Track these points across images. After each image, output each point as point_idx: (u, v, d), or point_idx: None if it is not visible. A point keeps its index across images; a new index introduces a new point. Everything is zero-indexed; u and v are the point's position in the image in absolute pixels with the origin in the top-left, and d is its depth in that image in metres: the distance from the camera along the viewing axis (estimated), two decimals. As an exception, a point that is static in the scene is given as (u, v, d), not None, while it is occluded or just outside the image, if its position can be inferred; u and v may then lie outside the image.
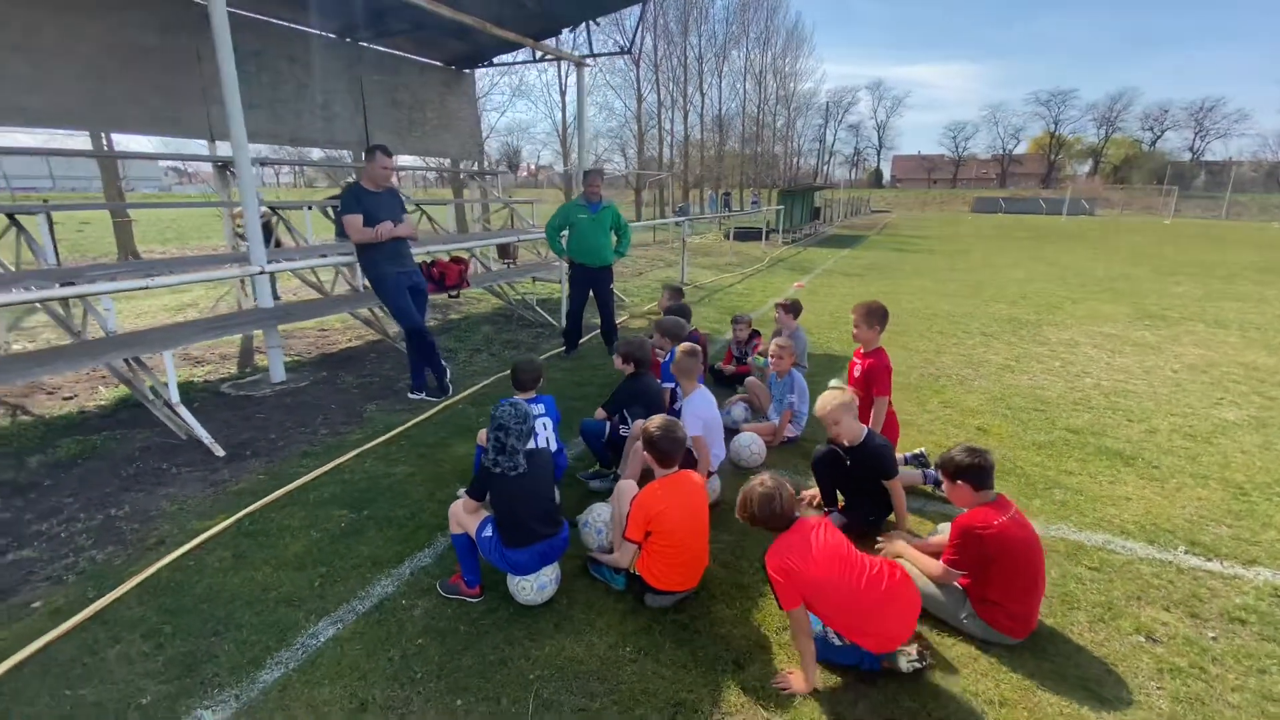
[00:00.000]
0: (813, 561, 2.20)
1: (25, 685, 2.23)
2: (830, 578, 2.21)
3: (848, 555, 2.30)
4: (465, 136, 10.54)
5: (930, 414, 4.99)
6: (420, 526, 3.27)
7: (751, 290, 11.16)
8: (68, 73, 5.81)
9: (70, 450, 4.12)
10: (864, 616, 2.23)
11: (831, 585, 2.21)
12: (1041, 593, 2.51)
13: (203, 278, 5.30)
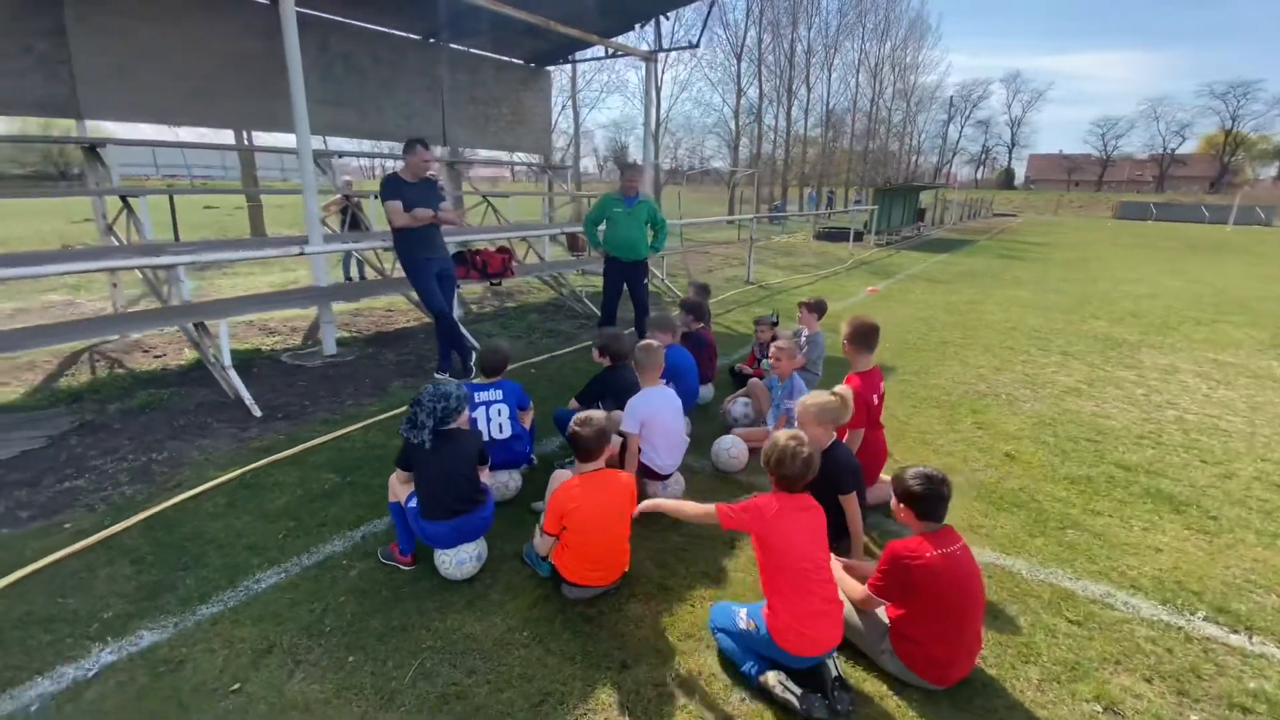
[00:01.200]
0: (788, 527, 2.24)
1: (30, 589, 2.64)
2: (794, 548, 2.21)
3: (817, 544, 2.28)
4: (539, 131, 10.92)
5: (957, 434, 4.58)
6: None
7: (818, 292, 10.70)
8: (192, 74, 6.66)
9: (142, 401, 4.77)
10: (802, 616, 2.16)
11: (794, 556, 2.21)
12: (972, 642, 2.25)
13: (243, 256, 5.94)
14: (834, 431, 3.01)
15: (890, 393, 5.41)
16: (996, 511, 3.50)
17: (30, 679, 2.16)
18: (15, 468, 3.69)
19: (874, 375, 3.56)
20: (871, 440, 3.51)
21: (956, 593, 2.20)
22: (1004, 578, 2.90)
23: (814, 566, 2.22)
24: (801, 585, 2.19)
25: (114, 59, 5.99)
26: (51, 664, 2.22)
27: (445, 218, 5.26)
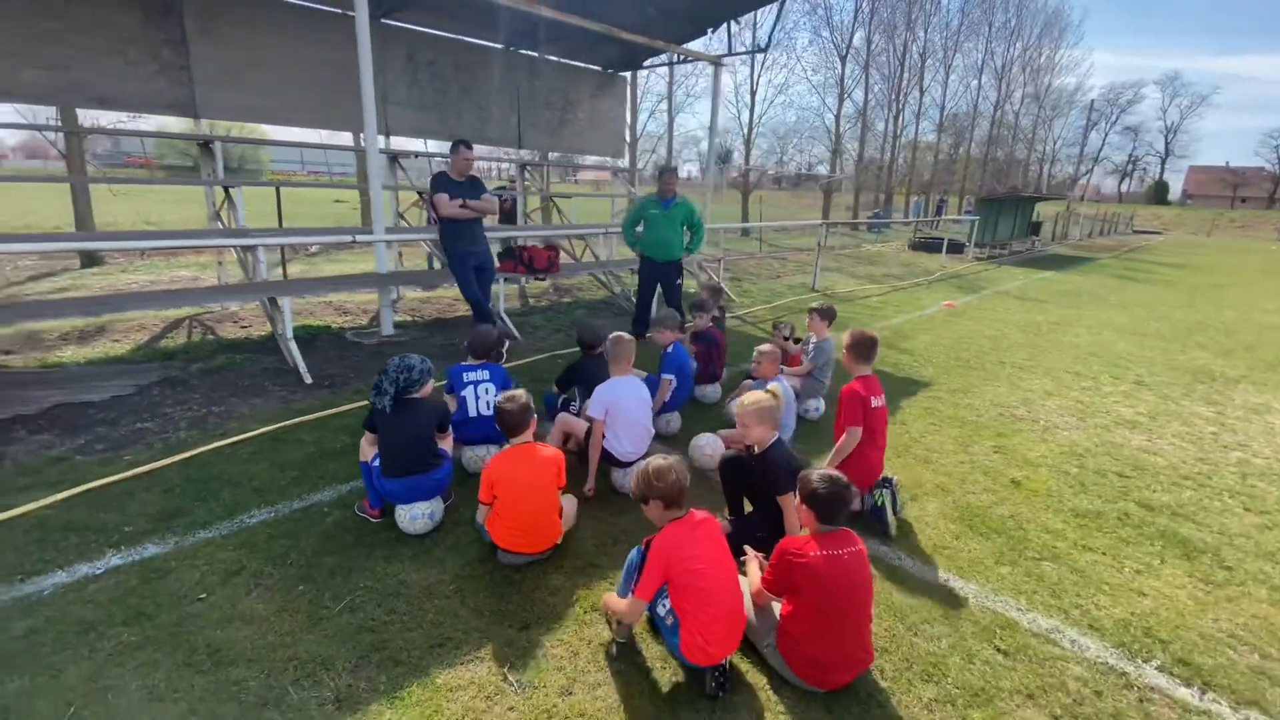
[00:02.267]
0: (679, 541, 2.20)
1: (78, 504, 3.23)
2: (701, 570, 2.16)
3: (725, 557, 2.27)
4: (613, 135, 11.26)
5: (967, 456, 4.34)
6: (387, 459, 3.87)
7: (887, 304, 10.27)
8: (295, 79, 7.56)
9: (219, 363, 5.53)
10: (715, 624, 2.14)
11: (706, 579, 2.16)
12: (855, 648, 2.22)
13: (314, 239, 6.65)
14: (774, 430, 3.02)
15: (914, 408, 5.21)
16: (971, 534, 3.33)
17: (52, 571, 2.68)
18: (103, 408, 4.46)
19: (871, 382, 3.49)
20: (865, 454, 3.39)
21: (839, 596, 2.19)
22: (945, 598, 2.79)
23: (713, 584, 2.18)
24: (708, 602, 2.15)
25: (227, 66, 6.95)
26: (72, 561, 2.74)
27: (479, 207, 5.66)
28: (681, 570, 2.15)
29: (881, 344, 7.17)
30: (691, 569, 2.15)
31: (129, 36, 6.31)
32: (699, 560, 2.16)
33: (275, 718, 2.03)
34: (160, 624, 2.41)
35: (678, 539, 2.20)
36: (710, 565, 2.17)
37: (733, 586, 2.21)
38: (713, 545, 2.23)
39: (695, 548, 2.19)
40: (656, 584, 2.18)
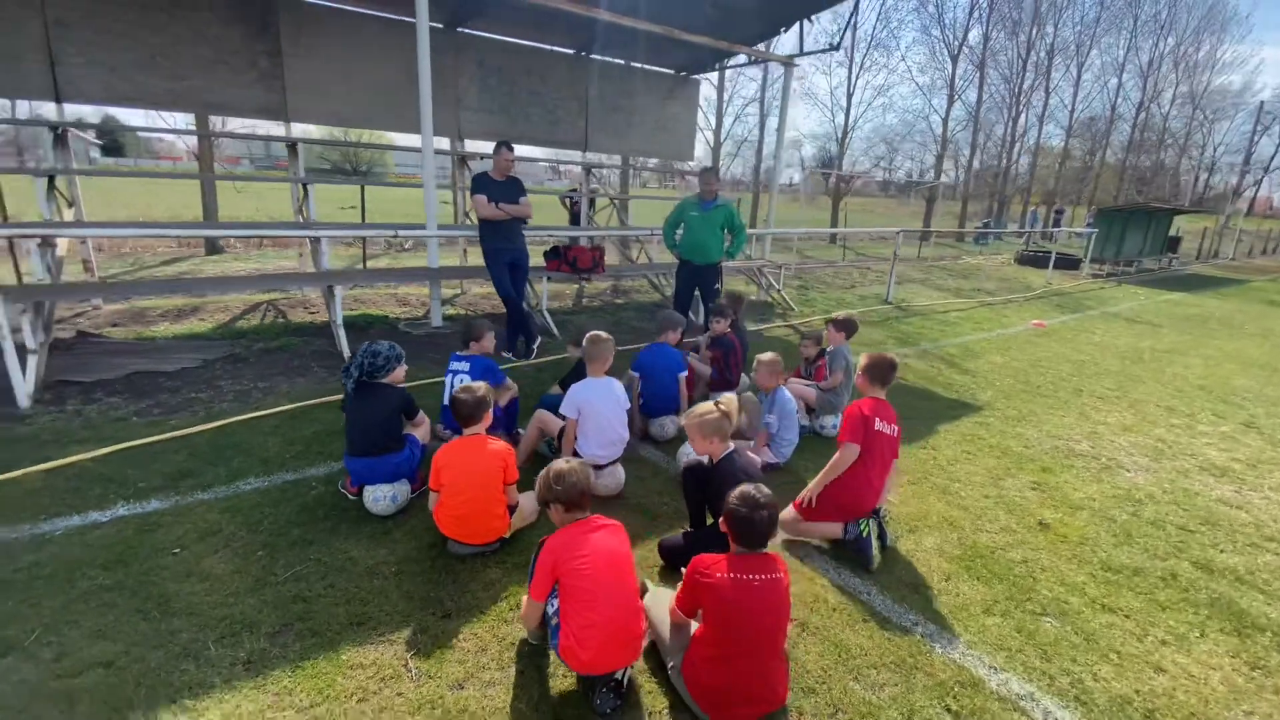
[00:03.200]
0: (567, 544, 2.13)
1: (114, 459, 3.63)
2: (587, 572, 2.07)
3: (618, 564, 2.14)
4: (681, 138, 11.19)
5: (996, 490, 3.89)
6: (387, 442, 4.05)
7: (966, 320, 9.46)
8: (373, 87, 8.16)
9: (278, 344, 6.05)
10: (591, 629, 2.04)
11: (587, 580, 2.06)
12: (759, 685, 2.04)
13: (362, 234, 7.08)
14: (727, 444, 2.85)
15: (950, 434, 4.76)
16: (966, 576, 2.98)
17: (70, 515, 3.03)
18: (171, 378, 5.00)
19: (882, 406, 3.23)
20: (859, 478, 3.10)
21: (742, 624, 2.02)
22: (906, 644, 2.50)
23: (597, 590, 2.06)
24: (588, 606, 2.05)
25: (315, 74, 7.61)
26: (88, 508, 3.09)
27: (513, 210, 5.80)
28: (568, 570, 2.07)
29: (943, 362, 6.75)
30: (577, 569, 2.07)
31: (233, 49, 7.07)
32: (587, 564, 2.08)
33: (190, 669, 2.17)
34: (131, 571, 2.65)
35: (570, 539, 2.13)
36: (598, 570, 2.08)
37: (621, 597, 2.10)
38: (608, 551, 2.13)
39: (586, 549, 2.11)
40: (546, 583, 2.11)
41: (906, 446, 4.43)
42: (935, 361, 6.89)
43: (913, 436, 4.65)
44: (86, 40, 6.28)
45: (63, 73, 6.24)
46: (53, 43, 6.12)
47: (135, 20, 6.48)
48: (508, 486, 2.90)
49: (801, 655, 2.41)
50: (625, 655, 2.10)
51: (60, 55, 6.18)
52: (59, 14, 6.09)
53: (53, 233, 5.57)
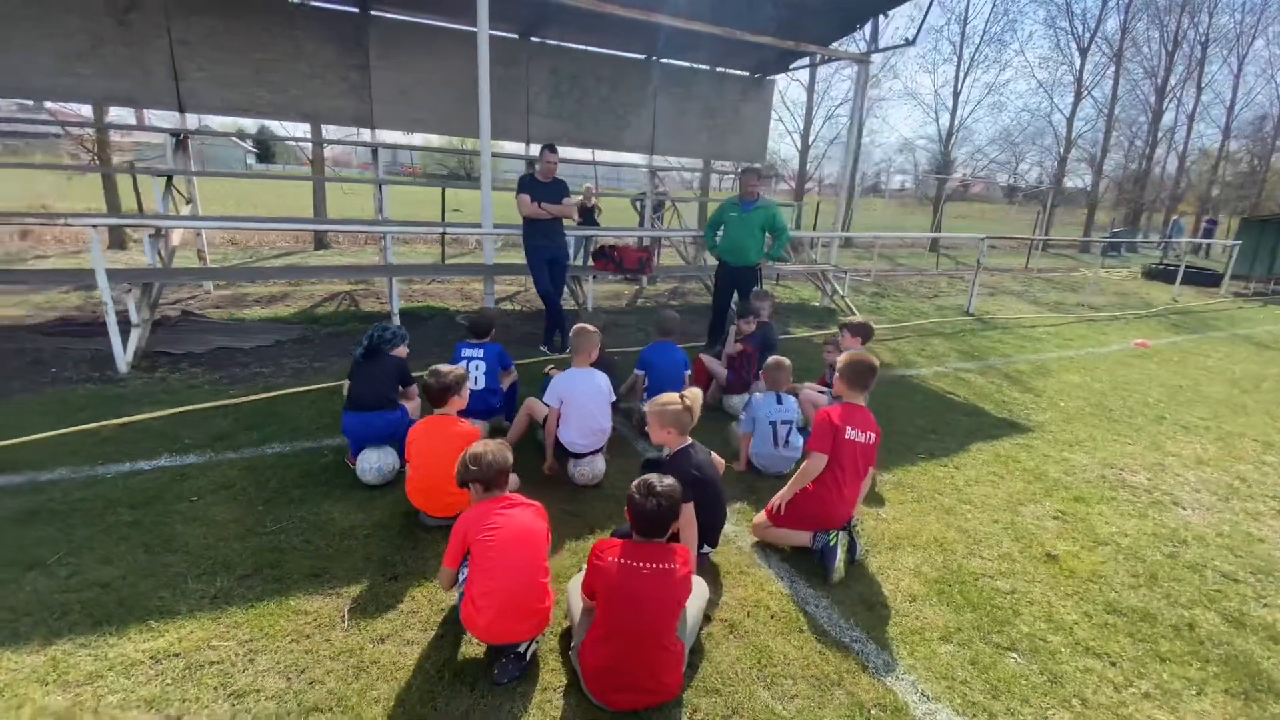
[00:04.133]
0: (478, 519, 2.23)
1: (173, 420, 4.17)
2: (488, 536, 2.17)
3: (526, 540, 2.21)
4: (753, 140, 11.02)
5: (1012, 516, 3.57)
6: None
7: (1055, 336, 8.61)
8: (449, 95, 8.74)
9: (344, 329, 6.64)
10: (488, 598, 2.15)
11: (491, 552, 2.16)
12: (642, 674, 2.04)
13: (421, 231, 7.54)
14: (684, 438, 2.83)
15: (982, 454, 4.42)
16: (935, 600, 2.78)
17: (123, 462, 3.54)
18: (246, 354, 5.65)
19: (858, 413, 3.09)
20: (828, 489, 2.96)
21: (624, 610, 2.05)
22: (836, 660, 2.39)
23: (499, 561, 2.15)
24: (488, 576, 2.15)
25: (399, 85, 8.27)
26: (139, 458, 3.59)
27: (555, 209, 6.02)
28: (476, 540, 2.18)
29: (1006, 379, 6.22)
30: (484, 540, 2.17)
31: (327, 64, 7.85)
32: (495, 536, 2.17)
33: (166, 597, 2.49)
34: (151, 512, 3.07)
35: (482, 513, 2.23)
36: (504, 543, 2.16)
37: (522, 571, 2.16)
38: (519, 527, 2.21)
39: (497, 523, 2.20)
40: (458, 551, 2.23)
41: (926, 463, 4.20)
42: (997, 378, 6.36)
43: (937, 453, 4.36)
44: (205, 57, 7.23)
45: (185, 86, 7.23)
46: (177, 60, 7.11)
47: (246, 40, 7.38)
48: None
49: (719, 655, 2.37)
50: (523, 629, 2.18)
51: (183, 71, 7.17)
52: (182, 34, 7.06)
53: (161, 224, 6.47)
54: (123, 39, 6.88)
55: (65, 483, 3.29)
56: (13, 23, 6.51)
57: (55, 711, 1.95)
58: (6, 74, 6.65)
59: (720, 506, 2.90)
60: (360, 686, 2.12)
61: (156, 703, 2.02)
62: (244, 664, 2.20)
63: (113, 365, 5.04)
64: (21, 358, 5.25)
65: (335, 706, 2.04)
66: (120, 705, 1.99)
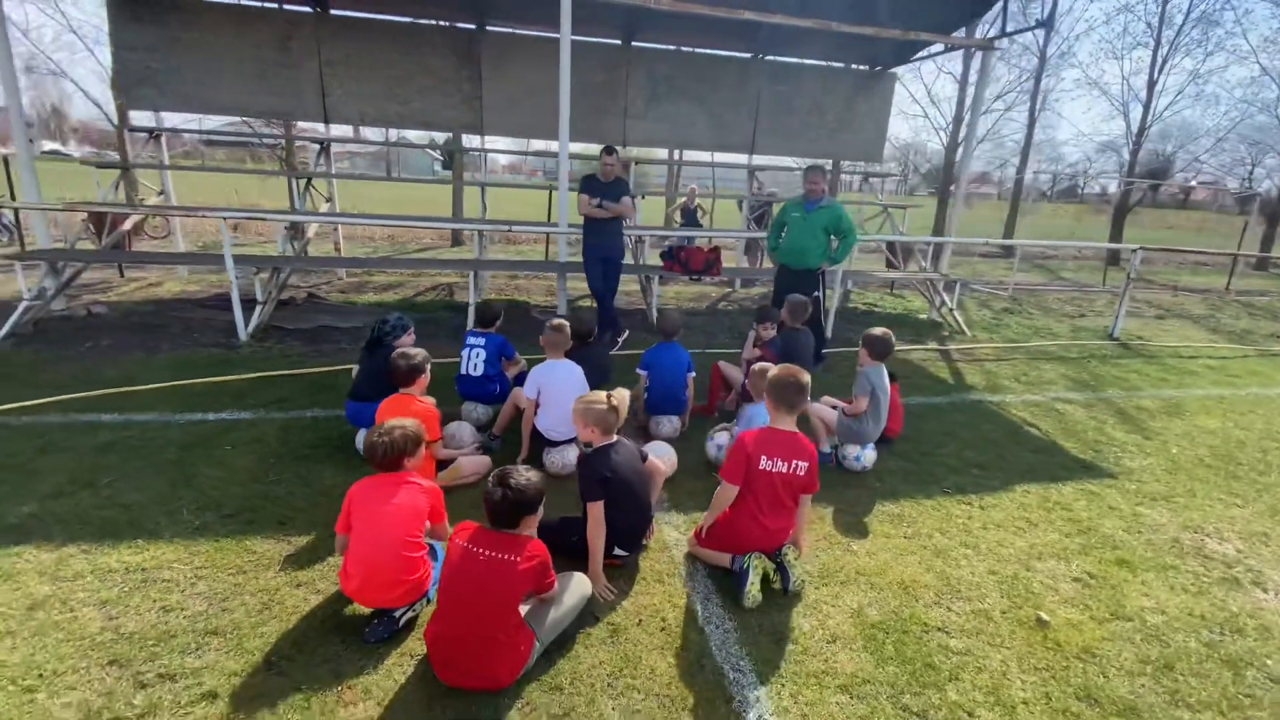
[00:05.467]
0: (362, 490, 2.45)
1: (255, 383, 4.94)
2: (362, 508, 2.38)
3: (399, 517, 2.35)
4: (869, 137, 10.24)
5: (1020, 572, 3.05)
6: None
7: (1215, 371, 7.03)
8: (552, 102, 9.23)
9: (432, 316, 7.34)
10: (355, 564, 2.33)
11: (364, 522, 2.36)
12: (470, 659, 2.10)
13: (502, 227, 7.98)
14: (609, 436, 2.80)
15: (1029, 497, 3.85)
16: (858, 644, 2.48)
17: (198, 412, 4.28)
18: (340, 333, 6.47)
19: (779, 439, 2.80)
20: (746, 514, 2.77)
21: (456, 592, 2.12)
22: (700, 685, 2.25)
23: (364, 530, 2.34)
24: (355, 542, 2.35)
25: (507, 93, 8.91)
26: (208, 410, 4.32)
27: (613, 209, 6.14)
28: (355, 510, 2.38)
29: (1117, 416, 5.26)
30: (359, 512, 2.35)
31: (445, 76, 8.70)
32: (370, 509, 2.35)
33: (161, 523, 3.00)
34: (192, 455, 3.68)
35: (368, 486, 2.42)
36: (376, 516, 2.33)
37: (388, 546, 2.30)
38: (397, 505, 2.36)
39: (376, 496, 2.37)
40: (345, 519, 2.43)
41: (945, 498, 3.72)
42: (1105, 414, 5.38)
43: (969, 489, 3.83)
44: (346, 75, 8.38)
45: (329, 101, 8.43)
46: (324, 79, 8.32)
47: (378, 59, 8.42)
48: (430, 443, 3.29)
49: (585, 656, 2.34)
50: (389, 597, 2.33)
51: (329, 88, 8.37)
52: (328, 56, 8.25)
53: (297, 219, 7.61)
54: (284, 62, 8.21)
55: (146, 424, 4.06)
56: (212, 51, 8.04)
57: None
58: (205, 94, 8.24)
59: (638, 511, 2.83)
60: (256, 621, 2.41)
61: (108, 604, 2.46)
62: (186, 585, 2.59)
63: (234, 334, 6.07)
64: (178, 324, 6.51)
65: (230, 633, 2.35)
66: (82, 603, 2.46)
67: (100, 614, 2.41)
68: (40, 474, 3.38)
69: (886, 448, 4.32)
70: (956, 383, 6.08)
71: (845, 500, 3.63)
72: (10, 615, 2.38)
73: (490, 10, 8.60)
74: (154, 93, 8.08)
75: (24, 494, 3.17)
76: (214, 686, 2.11)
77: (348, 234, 13.15)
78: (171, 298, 7.69)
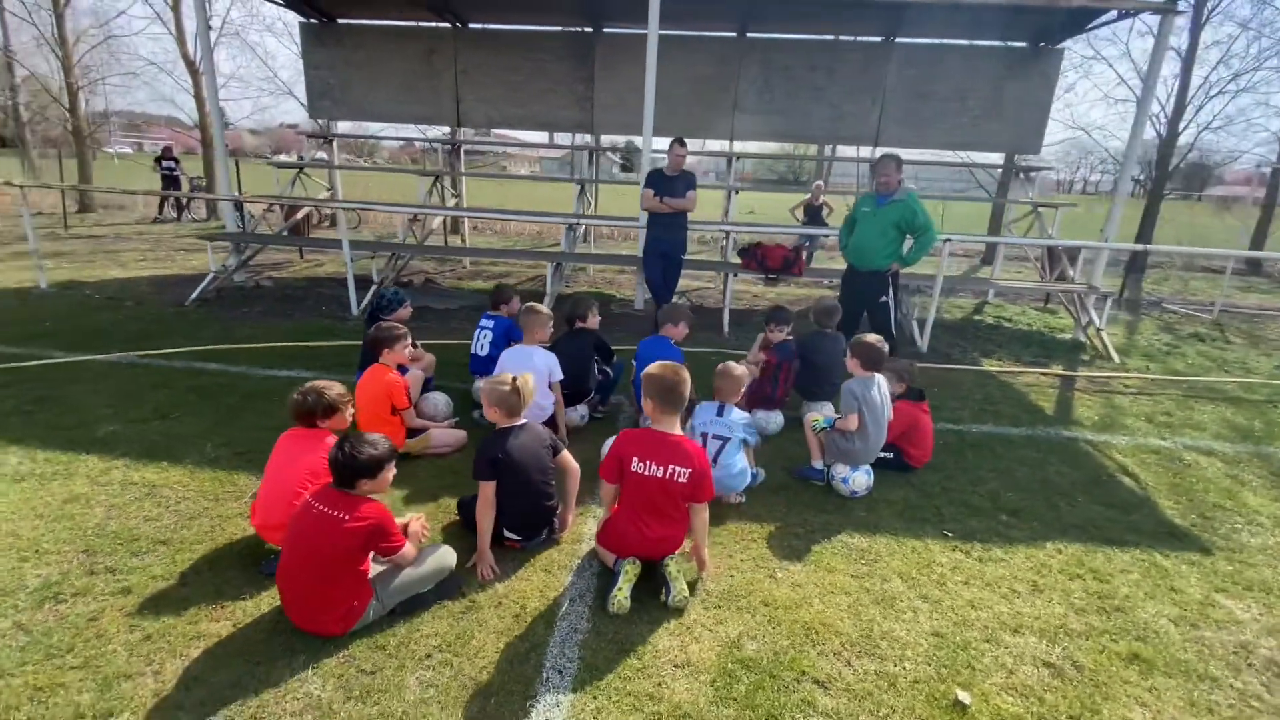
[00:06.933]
0: (280, 441, 2.77)
1: (322, 350, 5.72)
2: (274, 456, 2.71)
3: (291, 464, 2.61)
4: (1023, 125, 8.72)
5: (972, 638, 2.50)
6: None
7: None
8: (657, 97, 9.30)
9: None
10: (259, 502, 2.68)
11: (272, 458, 2.70)
12: (301, 603, 2.29)
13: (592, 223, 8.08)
14: (513, 419, 2.83)
15: (1064, 555, 3.23)
16: (704, 677, 2.23)
17: (274, 368, 5.08)
18: (435, 313, 7.24)
19: (655, 442, 2.60)
20: (624, 516, 2.65)
21: (293, 542, 2.30)
22: (505, 676, 2.19)
23: (269, 472, 2.64)
24: (263, 484, 2.69)
25: (616, 93, 9.13)
26: (281, 367, 5.11)
27: (675, 204, 6.05)
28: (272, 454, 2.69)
29: (1274, 479, 3.99)
30: (271, 456, 2.67)
31: (560, 79, 9.20)
32: (277, 456, 2.68)
33: (189, 449, 3.63)
34: (249, 401, 4.40)
35: (286, 435, 2.74)
36: (278, 463, 2.65)
37: (281, 488, 2.56)
38: (293, 453, 2.64)
39: (286, 445, 2.69)
40: None
41: (934, 540, 3.17)
42: (1255, 473, 4.15)
43: (978, 536, 3.21)
44: (476, 83, 9.25)
45: (462, 107, 9.37)
46: (459, 87, 9.26)
47: (504, 66, 9.17)
48: (402, 411, 3.58)
49: (424, 627, 2.38)
50: (278, 537, 2.60)
51: (462, 95, 9.30)
52: (463, 66, 9.17)
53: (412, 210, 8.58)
54: (427, 74, 9.30)
55: (232, 374, 4.92)
56: (373, 67, 9.39)
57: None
58: (367, 103, 9.64)
59: (530, 497, 2.79)
60: (195, 540, 2.84)
61: (114, 508, 3.06)
62: (172, 503, 3.13)
63: (349, 310, 7.06)
64: (314, 299, 7.73)
65: (173, 546, 2.79)
66: (98, 504, 3.09)
67: (104, 513, 3.02)
68: (142, 403, 4.28)
69: (904, 475, 3.76)
70: (1056, 414, 5.04)
71: (808, 523, 3.24)
72: (50, 503, 3.07)
73: (606, 12, 8.90)
74: (330, 104, 9.64)
75: (120, 416, 4.05)
76: (132, 584, 2.54)
77: (498, 229, 14.49)
78: (326, 276, 9.14)
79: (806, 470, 3.66)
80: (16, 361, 4.99)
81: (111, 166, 24.12)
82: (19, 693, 2.04)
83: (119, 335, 5.84)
